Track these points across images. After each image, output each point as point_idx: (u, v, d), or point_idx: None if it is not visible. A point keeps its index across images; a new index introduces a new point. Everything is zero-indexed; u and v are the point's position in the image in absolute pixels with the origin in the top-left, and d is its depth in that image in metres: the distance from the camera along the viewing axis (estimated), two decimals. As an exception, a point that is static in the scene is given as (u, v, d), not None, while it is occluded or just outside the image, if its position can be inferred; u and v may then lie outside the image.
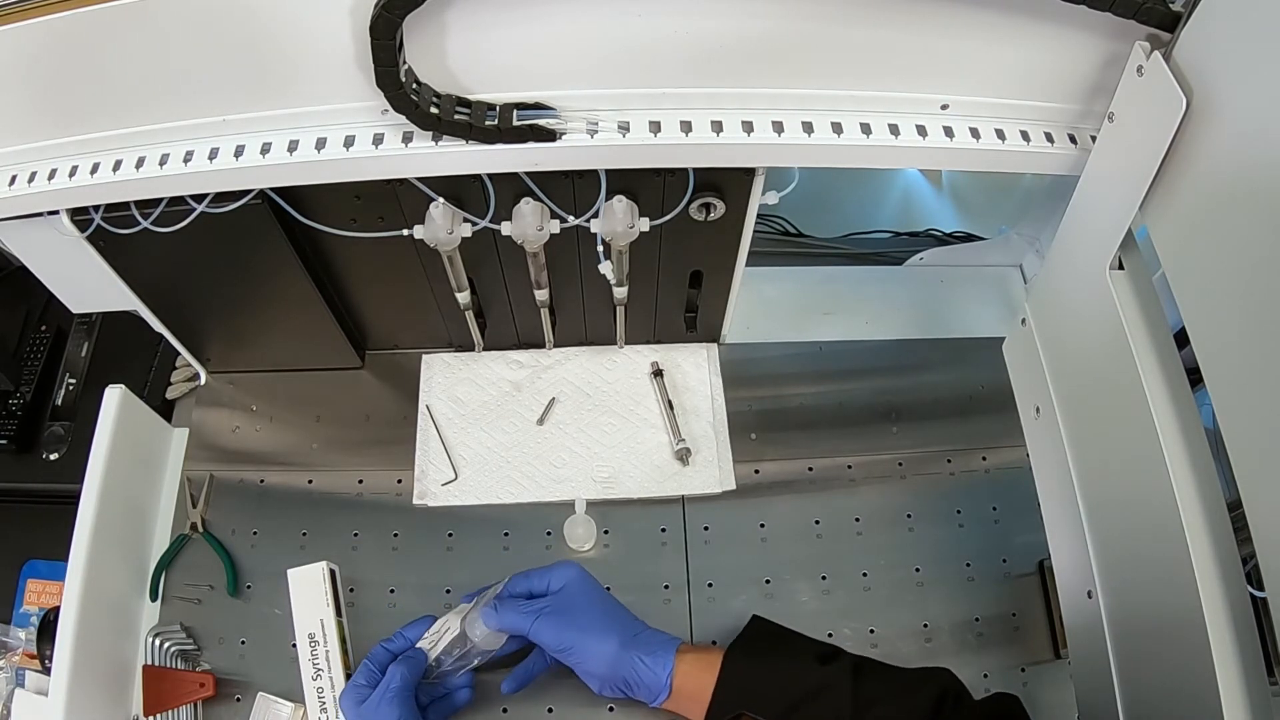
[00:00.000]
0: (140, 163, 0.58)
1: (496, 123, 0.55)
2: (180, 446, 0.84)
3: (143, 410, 0.80)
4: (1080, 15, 0.49)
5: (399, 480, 0.81)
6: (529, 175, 0.62)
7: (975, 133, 0.58)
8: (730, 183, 0.65)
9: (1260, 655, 0.43)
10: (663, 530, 0.79)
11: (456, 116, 0.54)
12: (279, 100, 0.56)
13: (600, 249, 0.66)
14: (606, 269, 0.68)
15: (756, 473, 0.82)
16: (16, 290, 0.95)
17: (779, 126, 0.57)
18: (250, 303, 0.77)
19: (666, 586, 0.76)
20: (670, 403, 0.84)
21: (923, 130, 0.58)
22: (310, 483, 0.82)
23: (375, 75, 0.51)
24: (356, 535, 0.79)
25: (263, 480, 0.82)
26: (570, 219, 0.65)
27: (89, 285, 0.71)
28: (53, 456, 0.86)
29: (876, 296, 0.93)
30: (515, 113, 0.55)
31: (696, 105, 0.57)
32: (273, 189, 0.62)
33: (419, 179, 0.61)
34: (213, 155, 0.57)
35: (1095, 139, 0.56)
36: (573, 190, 0.64)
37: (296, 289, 0.74)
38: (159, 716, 0.69)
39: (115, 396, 0.76)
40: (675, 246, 0.72)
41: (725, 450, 0.82)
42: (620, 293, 0.75)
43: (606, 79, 0.55)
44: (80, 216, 0.62)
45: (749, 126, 0.57)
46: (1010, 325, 0.68)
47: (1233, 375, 0.42)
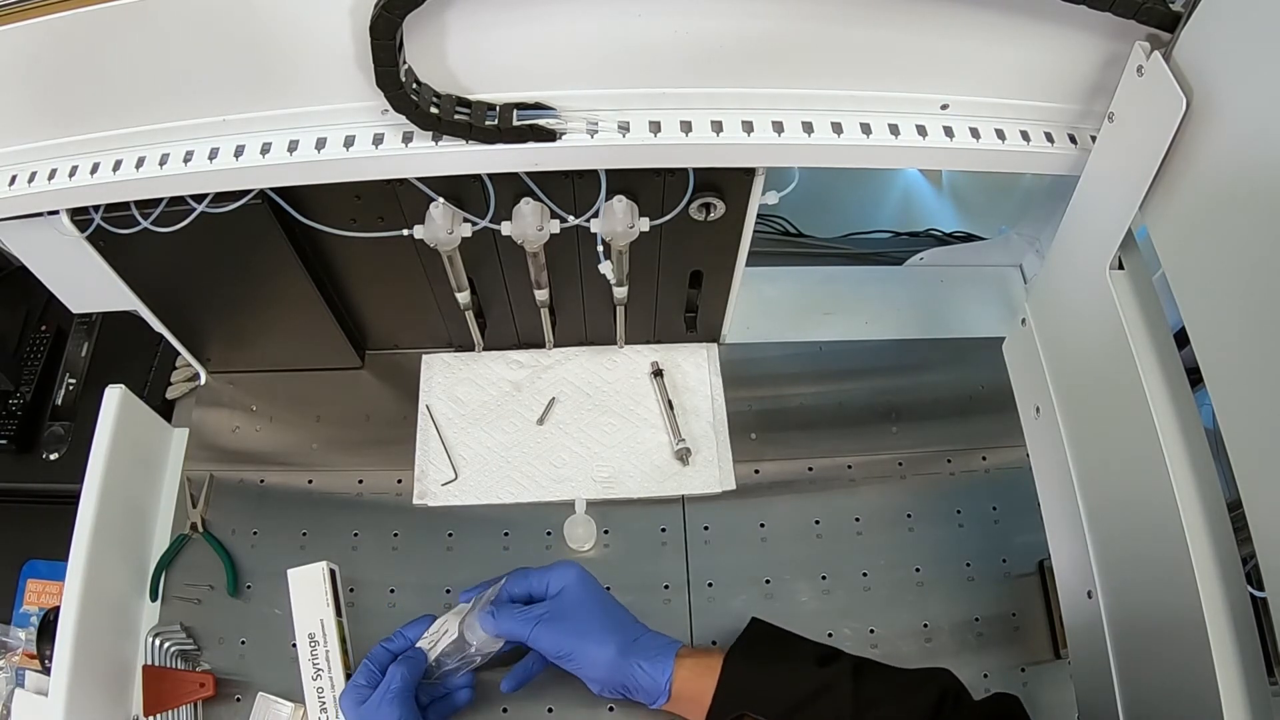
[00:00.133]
0: (140, 163, 0.58)
1: (496, 123, 0.55)
2: (180, 446, 0.84)
3: (143, 410, 0.80)
4: (1080, 15, 0.49)
5: (399, 480, 0.81)
6: (529, 175, 0.62)
7: (975, 133, 0.58)
8: (730, 183, 0.64)
9: (1260, 655, 0.43)
10: (663, 530, 0.79)
11: (456, 116, 0.54)
12: (279, 100, 0.56)
13: (600, 249, 0.66)
14: (606, 269, 0.68)
15: (756, 473, 0.82)
16: (16, 290, 0.95)
17: (779, 126, 0.57)
18: (250, 303, 0.77)
19: (666, 586, 0.76)
20: (670, 403, 0.84)
21: (923, 130, 0.58)
22: (310, 483, 0.82)
23: (375, 75, 0.51)
24: (356, 535, 0.79)
25: (263, 480, 0.82)
26: (570, 219, 0.65)
27: (89, 285, 0.71)
28: (53, 456, 0.86)
29: (876, 296, 0.93)
30: (515, 113, 0.55)
31: (696, 105, 0.57)
32: (273, 189, 0.62)
33: (419, 179, 0.61)
34: (213, 155, 0.57)
35: (1095, 139, 0.56)
36: (573, 190, 0.64)
37: (296, 289, 0.74)
38: (159, 716, 0.69)
39: (115, 396, 0.76)
40: (675, 246, 0.72)
41: (725, 450, 0.82)
42: (620, 293, 0.75)
43: (606, 79, 0.55)
44: (80, 216, 0.62)
45: (749, 126, 0.57)
46: (1010, 325, 0.68)
47: (1233, 375, 0.42)
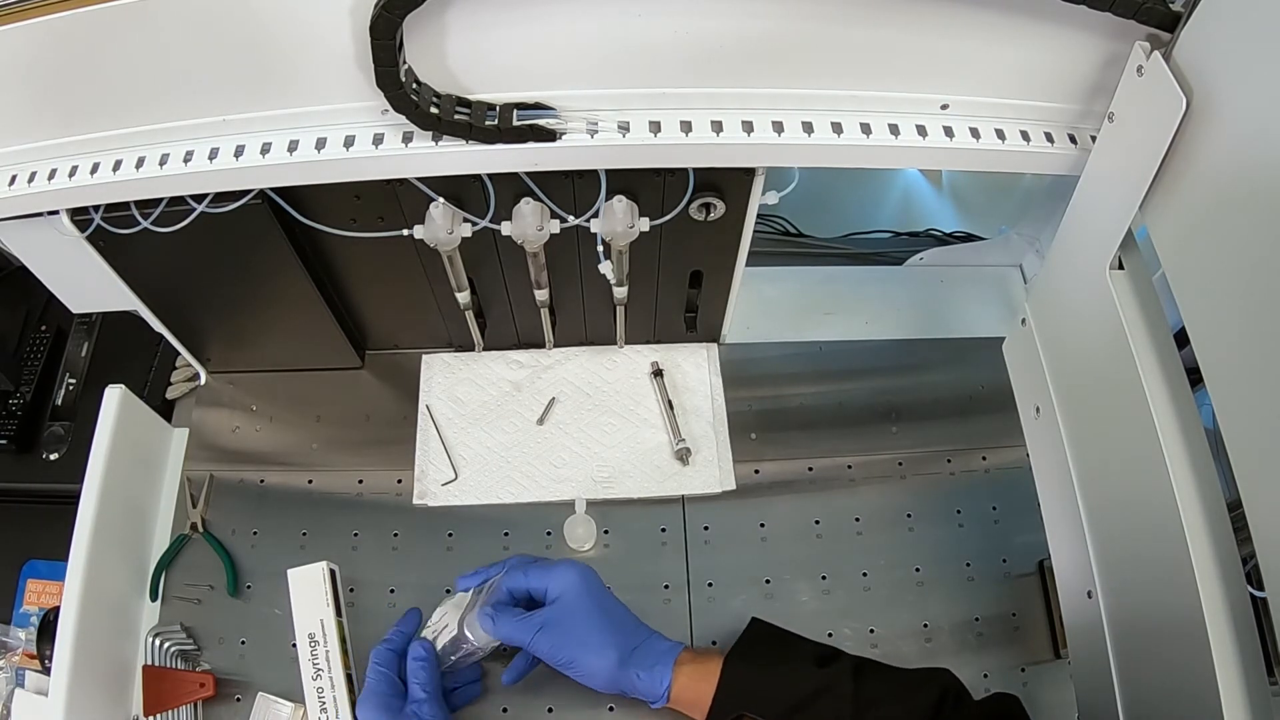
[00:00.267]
0: (140, 163, 0.58)
1: (496, 123, 0.55)
2: (180, 446, 0.84)
3: (143, 410, 0.80)
4: (1080, 15, 0.49)
5: (399, 480, 0.81)
6: (529, 175, 0.62)
7: (975, 133, 0.58)
8: (730, 183, 0.64)
9: (1260, 655, 0.43)
10: (663, 530, 0.79)
11: (456, 116, 0.54)
12: (279, 100, 0.56)
13: (600, 249, 0.66)
14: (606, 269, 0.68)
15: (756, 473, 0.82)
16: (16, 290, 0.95)
17: (779, 126, 0.57)
18: (250, 303, 0.77)
19: (666, 586, 0.76)
20: (670, 403, 0.84)
21: (923, 130, 0.58)
22: (310, 483, 0.82)
23: (375, 75, 0.51)
24: (356, 535, 0.79)
25: (263, 480, 0.82)
26: (570, 219, 0.65)
27: (89, 285, 0.71)
28: (53, 456, 0.86)
29: (876, 296, 0.93)
30: (515, 113, 0.55)
31: (696, 105, 0.57)
32: (273, 189, 0.62)
33: (419, 179, 0.61)
34: (213, 155, 0.57)
35: (1095, 139, 0.56)
36: (573, 190, 0.64)
37: (296, 289, 0.74)
38: (159, 716, 0.69)
39: (115, 396, 0.76)
40: (675, 246, 0.72)
41: (725, 450, 0.82)
42: (620, 293, 0.75)
43: (606, 79, 0.55)
44: (80, 216, 0.62)
45: (749, 126, 0.57)
46: (1010, 325, 0.68)
47: (1233, 375, 0.42)
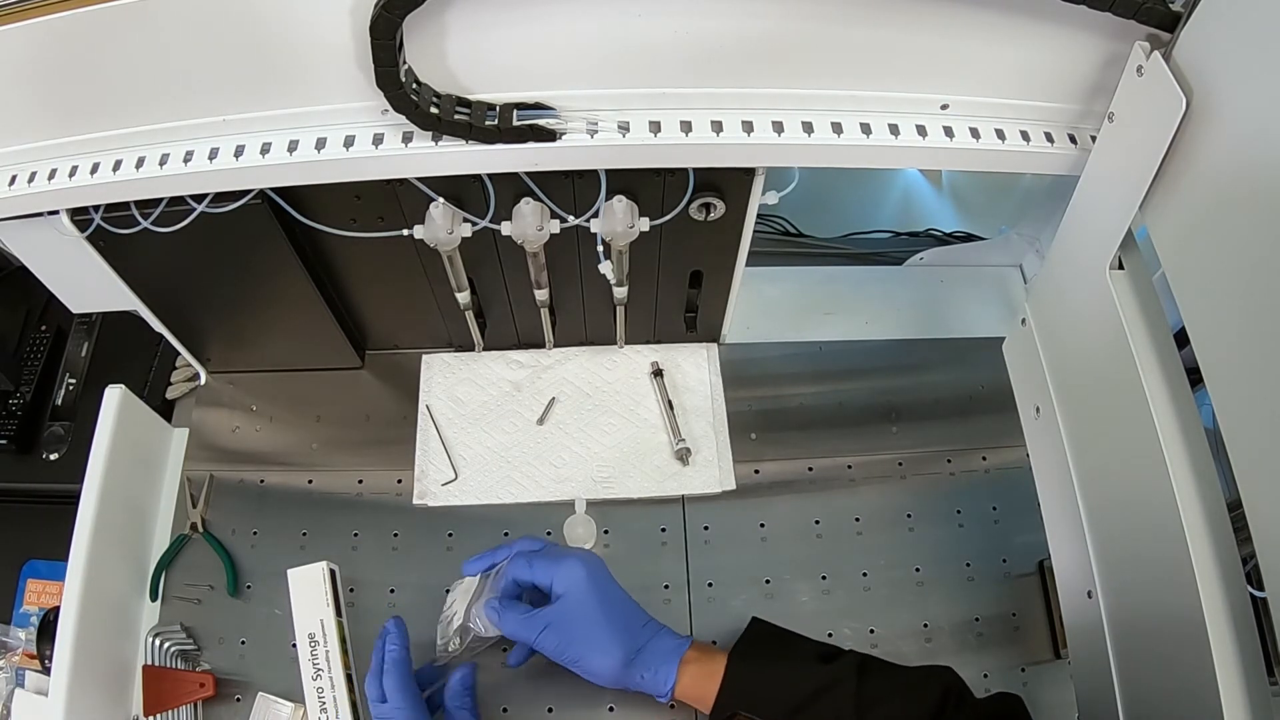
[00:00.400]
0: (140, 163, 0.58)
1: (496, 123, 0.55)
2: (180, 446, 0.84)
3: (143, 410, 0.80)
4: (1080, 15, 0.49)
5: (399, 480, 0.81)
6: (529, 175, 0.62)
7: (975, 133, 0.58)
8: (730, 183, 0.64)
9: (1260, 655, 0.43)
10: (663, 530, 0.79)
11: (456, 116, 0.54)
12: (279, 100, 0.56)
13: (600, 249, 0.66)
14: (606, 269, 0.68)
15: (756, 473, 0.82)
16: (16, 290, 0.95)
17: (779, 126, 0.57)
18: (250, 303, 0.77)
19: (666, 586, 0.76)
20: (670, 403, 0.84)
21: (923, 130, 0.58)
22: (310, 483, 0.82)
23: (375, 75, 0.51)
24: (356, 535, 0.79)
25: (263, 480, 0.82)
26: (570, 219, 0.65)
27: (89, 285, 0.71)
28: (53, 456, 0.86)
29: (876, 296, 0.93)
30: (515, 113, 0.55)
31: (696, 105, 0.57)
32: (273, 189, 0.62)
33: (419, 179, 0.61)
34: (213, 155, 0.57)
35: (1095, 139, 0.56)
36: (573, 190, 0.64)
37: (296, 289, 0.74)
38: (159, 716, 0.69)
39: (115, 396, 0.76)
40: (675, 246, 0.72)
41: (725, 450, 0.82)
42: (620, 293, 0.75)
43: (606, 79, 0.55)
44: (80, 216, 0.62)
45: (749, 126, 0.57)
46: (1010, 325, 0.68)
47: (1233, 375, 0.42)
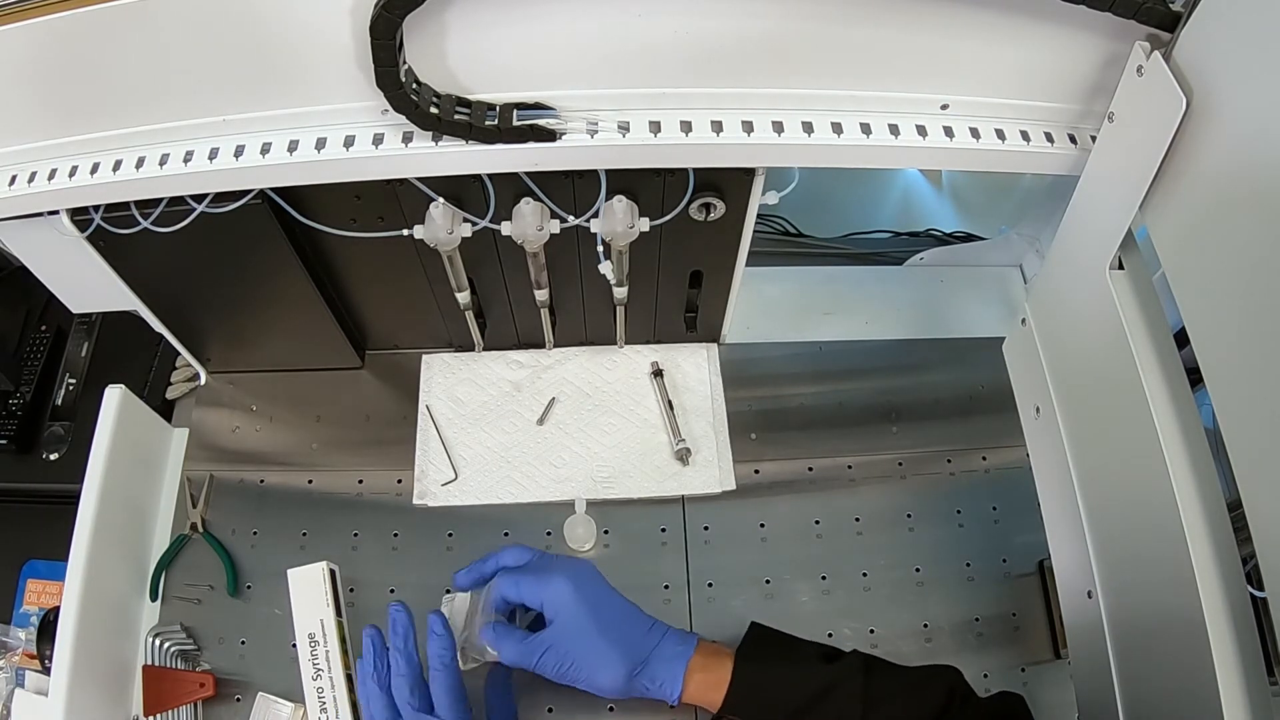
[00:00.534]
0: (140, 163, 0.58)
1: (496, 123, 0.55)
2: (180, 446, 0.84)
3: (143, 410, 0.80)
4: (1080, 15, 0.49)
5: (399, 480, 0.81)
6: (529, 175, 0.62)
7: (975, 133, 0.58)
8: (730, 183, 0.64)
9: (1260, 655, 0.43)
10: (663, 530, 0.79)
11: (456, 116, 0.54)
12: (279, 100, 0.56)
13: (600, 249, 0.66)
14: (606, 269, 0.68)
15: (756, 473, 0.82)
16: (16, 290, 0.95)
17: (779, 126, 0.57)
18: (250, 303, 0.77)
19: (666, 586, 0.76)
20: (670, 403, 0.84)
21: (923, 130, 0.58)
22: (310, 483, 0.82)
23: (375, 75, 0.51)
24: (356, 535, 0.79)
25: (263, 480, 0.82)
26: (570, 219, 0.65)
27: (89, 285, 0.71)
28: (53, 456, 0.86)
29: (876, 296, 0.93)
30: (515, 113, 0.55)
31: (696, 105, 0.57)
32: (273, 189, 0.62)
33: (419, 179, 0.61)
34: (213, 155, 0.57)
35: (1095, 139, 0.56)
36: (573, 190, 0.64)
37: (296, 289, 0.74)
38: (159, 716, 0.69)
39: (115, 396, 0.76)
40: (675, 246, 0.72)
41: (725, 450, 0.82)
42: (620, 293, 0.75)
43: (606, 79, 0.55)
44: (80, 216, 0.62)
45: (749, 126, 0.57)
46: (1010, 325, 0.68)
47: (1233, 375, 0.42)
